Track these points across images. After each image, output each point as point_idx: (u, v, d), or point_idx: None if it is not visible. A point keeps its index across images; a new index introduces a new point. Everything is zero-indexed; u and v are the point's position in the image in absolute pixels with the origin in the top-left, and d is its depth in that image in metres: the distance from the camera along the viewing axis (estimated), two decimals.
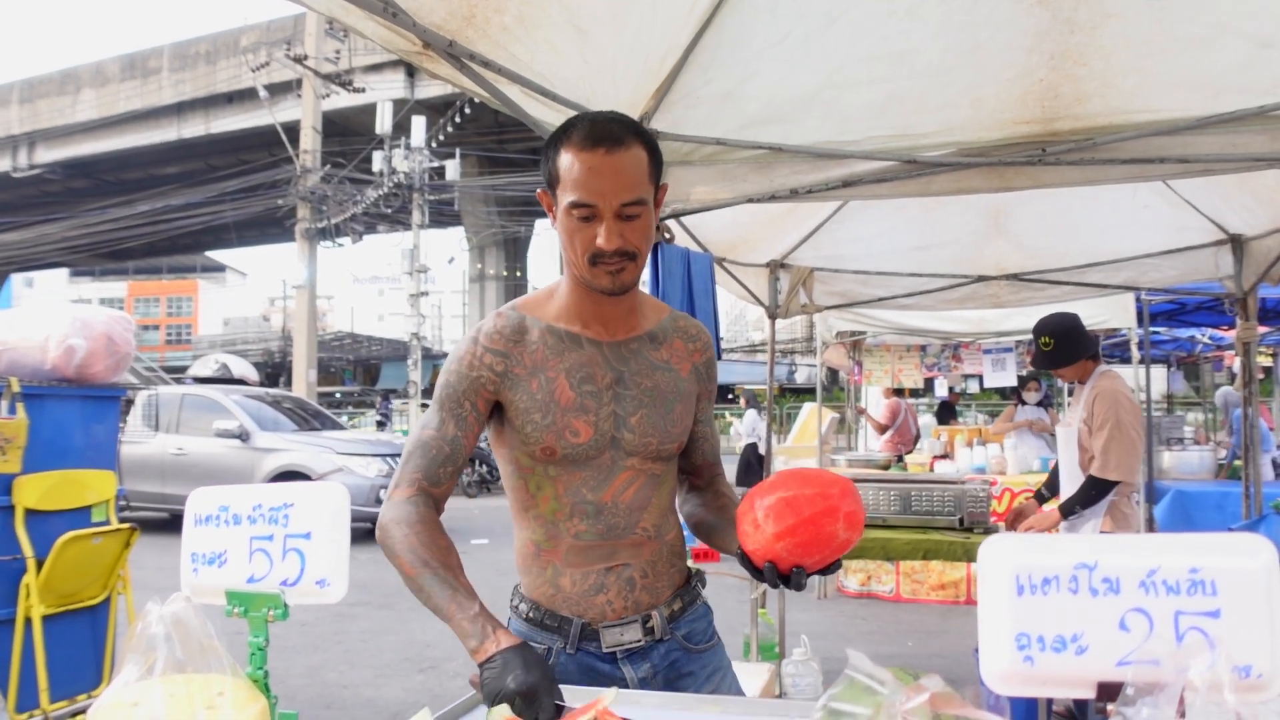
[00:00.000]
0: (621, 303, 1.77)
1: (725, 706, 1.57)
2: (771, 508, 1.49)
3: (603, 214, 1.61)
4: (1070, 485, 4.35)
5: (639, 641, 1.76)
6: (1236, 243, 4.96)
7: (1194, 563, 1.02)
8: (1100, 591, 1.03)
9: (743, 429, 15.41)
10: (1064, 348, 4.29)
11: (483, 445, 19.58)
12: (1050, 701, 3.82)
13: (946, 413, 12.99)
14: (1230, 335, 9.89)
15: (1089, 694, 1.02)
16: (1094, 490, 4.18)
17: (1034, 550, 1.07)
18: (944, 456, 9.00)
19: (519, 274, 36.64)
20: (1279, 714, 0.94)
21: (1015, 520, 4.49)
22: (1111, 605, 1.03)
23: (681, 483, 2.00)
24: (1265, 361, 13.73)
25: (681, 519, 1.94)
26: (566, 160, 1.62)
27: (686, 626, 1.84)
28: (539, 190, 1.76)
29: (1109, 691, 0.99)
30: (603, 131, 1.61)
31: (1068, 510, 4.27)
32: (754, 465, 13.65)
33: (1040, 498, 4.66)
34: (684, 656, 1.82)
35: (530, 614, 1.78)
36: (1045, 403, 9.10)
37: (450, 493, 1.75)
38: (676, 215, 3.48)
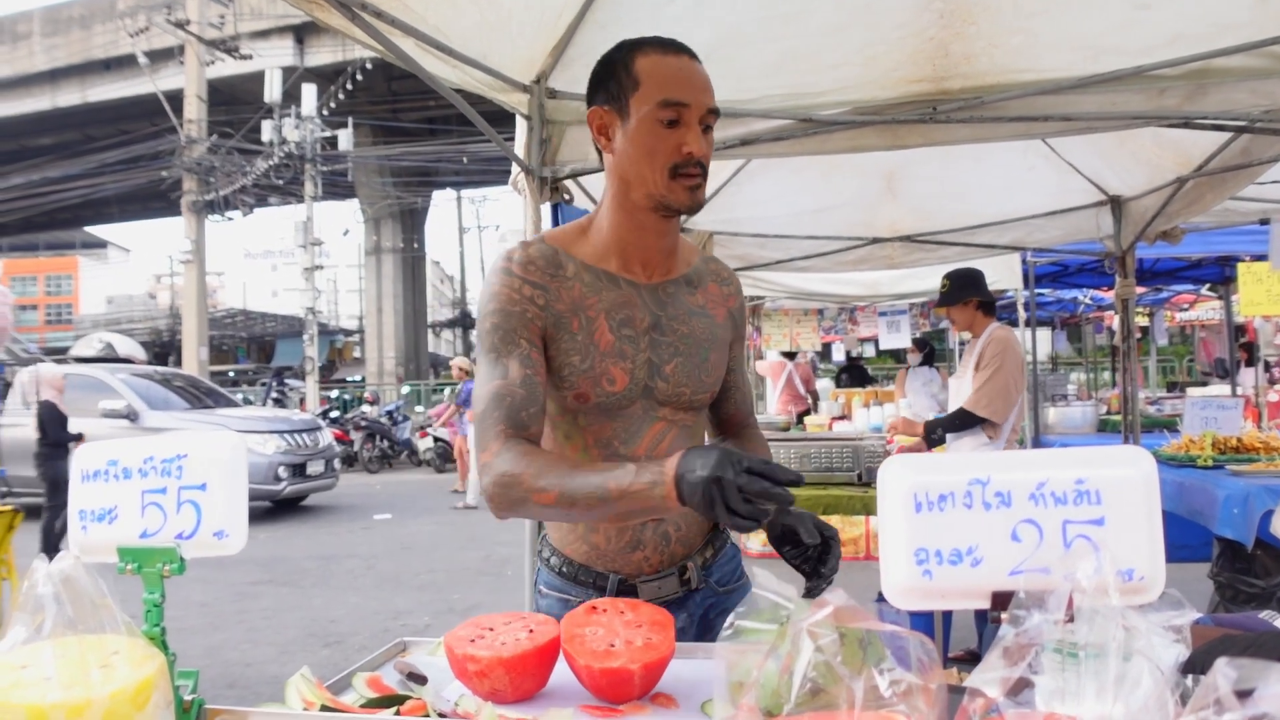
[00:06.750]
0: (668, 236, 1.67)
1: None
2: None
3: (690, 118, 1.55)
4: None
5: (676, 593, 1.72)
6: (1116, 203, 5.19)
7: (1079, 474, 1.07)
8: (993, 505, 1.07)
9: None
10: (954, 289, 4.74)
11: (382, 420, 19.31)
12: (948, 623, 4.01)
13: (859, 376, 12.75)
14: (1110, 296, 10.32)
15: (984, 603, 1.06)
16: (959, 420, 4.56)
17: (931, 469, 1.11)
18: (842, 418, 9.19)
19: (416, 245, 35.97)
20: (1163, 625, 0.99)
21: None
22: (1004, 518, 1.07)
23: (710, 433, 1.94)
24: (1142, 322, 14.39)
25: None
26: (650, 63, 1.56)
27: (718, 571, 1.81)
28: (593, 108, 1.63)
29: (1003, 600, 1.03)
30: (681, 44, 1.60)
31: (930, 429, 4.73)
32: None
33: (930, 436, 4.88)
34: (717, 601, 1.80)
35: (563, 569, 1.75)
36: (929, 360, 9.41)
37: (540, 435, 1.61)
38: (575, 175, 3.46)
